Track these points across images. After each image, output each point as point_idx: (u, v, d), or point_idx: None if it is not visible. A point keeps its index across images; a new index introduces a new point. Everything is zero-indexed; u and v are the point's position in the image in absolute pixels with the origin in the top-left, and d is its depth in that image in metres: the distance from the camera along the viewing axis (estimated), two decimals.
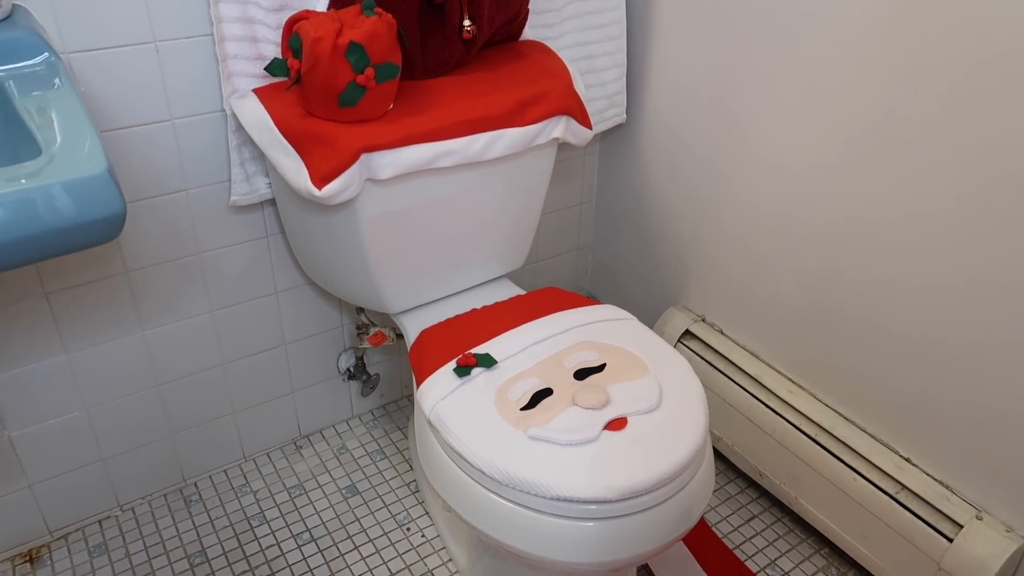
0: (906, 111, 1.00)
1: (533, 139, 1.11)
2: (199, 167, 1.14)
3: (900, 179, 1.03)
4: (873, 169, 1.06)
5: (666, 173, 1.42)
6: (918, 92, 0.98)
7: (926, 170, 1.00)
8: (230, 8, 1.03)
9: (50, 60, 0.87)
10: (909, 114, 1.00)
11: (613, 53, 1.37)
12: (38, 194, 0.65)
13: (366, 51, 0.94)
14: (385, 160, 1.00)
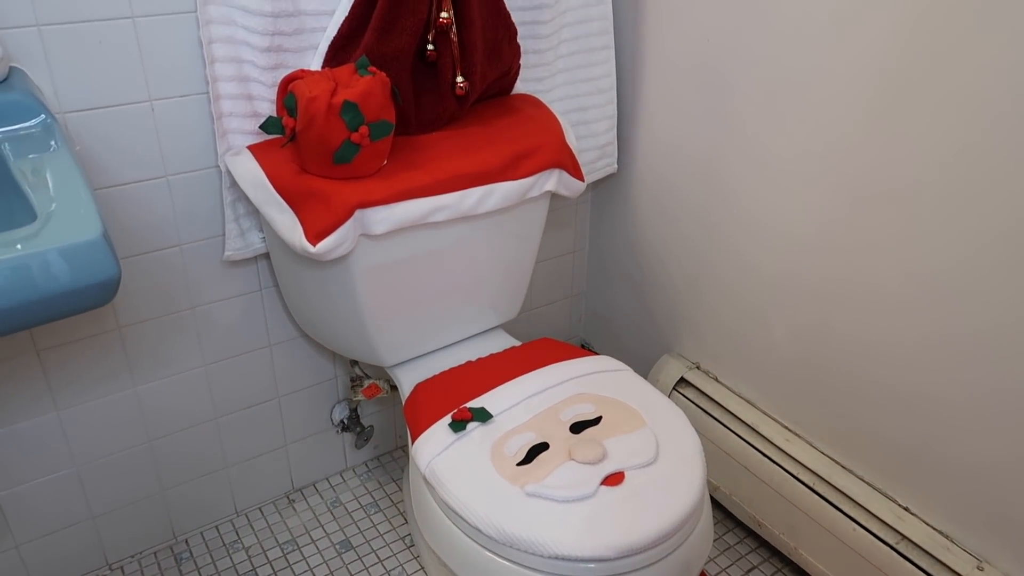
0: (898, 172, 1.01)
1: (526, 192, 1.12)
2: (193, 223, 1.15)
3: (893, 239, 1.04)
4: (865, 229, 1.07)
5: (658, 221, 1.43)
6: (911, 156, 0.99)
7: (919, 231, 1.01)
8: (226, 68, 1.04)
9: (46, 122, 0.88)
10: (900, 174, 1.01)
11: (603, 105, 1.39)
12: (33, 260, 0.65)
13: (360, 110, 0.95)
14: (379, 216, 1.00)
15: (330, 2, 1.07)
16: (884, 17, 0.97)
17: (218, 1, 1.01)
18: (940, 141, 0.95)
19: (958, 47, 0.91)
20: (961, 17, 0.90)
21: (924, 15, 0.93)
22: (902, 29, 0.95)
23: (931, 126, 0.96)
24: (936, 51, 0.93)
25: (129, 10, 0.99)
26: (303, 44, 1.08)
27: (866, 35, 1.00)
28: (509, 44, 1.19)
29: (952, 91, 0.93)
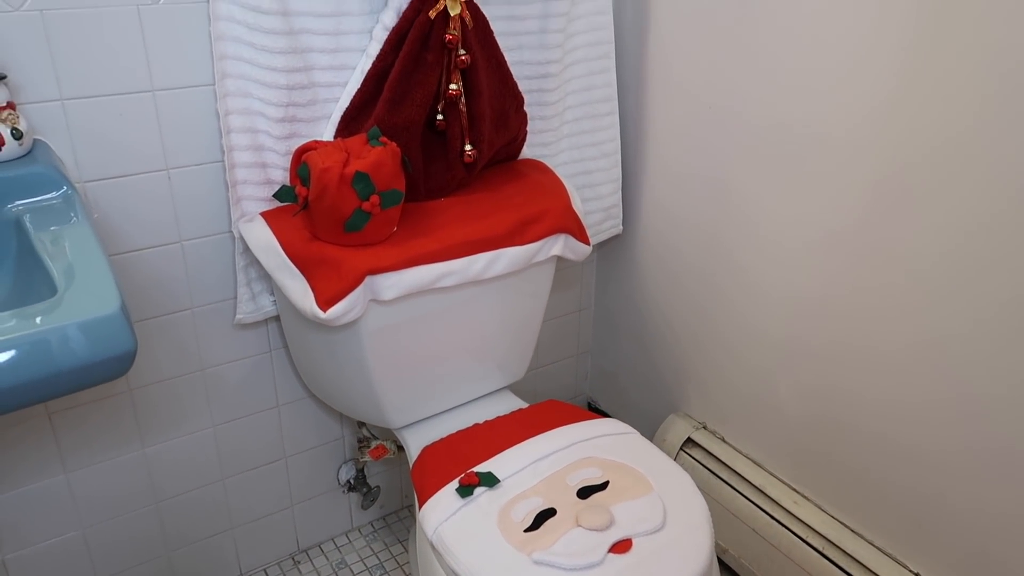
0: (898, 241, 1.03)
1: (532, 257, 1.14)
2: (205, 286, 1.17)
3: (895, 305, 1.05)
4: (867, 294, 1.09)
5: (663, 281, 1.45)
6: (912, 227, 1.01)
7: (920, 297, 1.02)
8: (241, 138, 1.08)
9: (67, 194, 0.90)
10: (900, 244, 1.03)
11: (608, 169, 1.42)
12: (53, 335, 0.66)
13: (372, 180, 0.98)
14: (389, 282, 1.02)
15: (343, 74, 1.11)
16: (886, 90, 1.00)
17: (235, 75, 1.05)
18: (942, 211, 0.97)
19: (959, 122, 0.93)
20: (965, 94, 0.92)
21: (925, 91, 0.96)
22: (902, 102, 0.98)
23: (932, 198, 0.98)
24: (936, 126, 0.95)
25: (149, 84, 1.02)
26: (316, 114, 1.11)
27: (866, 107, 1.02)
28: (516, 112, 1.22)
29: (954, 163, 0.95)
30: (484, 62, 1.13)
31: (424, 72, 1.08)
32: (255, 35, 1.02)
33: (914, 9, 0.94)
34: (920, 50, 0.94)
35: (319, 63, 1.08)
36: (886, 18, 0.97)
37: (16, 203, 0.88)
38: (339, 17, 1.08)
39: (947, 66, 0.92)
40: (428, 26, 1.06)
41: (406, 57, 1.06)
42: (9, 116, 0.89)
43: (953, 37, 0.91)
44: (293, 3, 1.03)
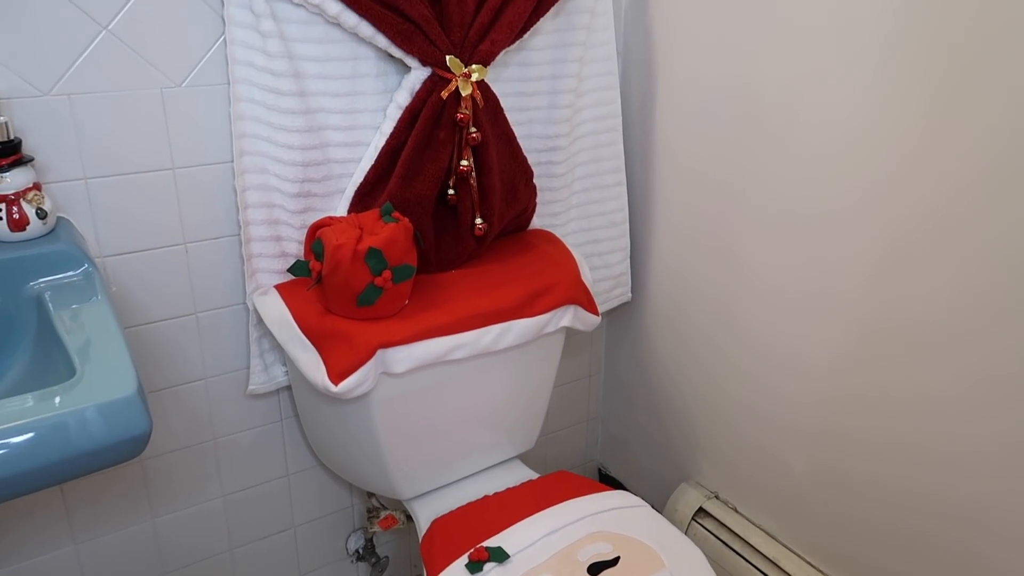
0: (906, 312, 1.04)
1: (542, 328, 1.15)
2: (219, 357, 1.18)
3: (904, 375, 1.06)
4: (876, 366, 1.09)
5: (672, 348, 1.45)
6: (919, 299, 1.02)
7: (929, 368, 1.03)
8: (258, 212, 1.10)
9: (87, 271, 0.92)
10: (909, 315, 1.03)
11: (617, 238, 1.44)
12: (71, 418, 0.68)
13: (384, 255, 1.00)
14: (400, 355, 1.03)
15: (357, 151, 1.14)
16: (888, 169, 1.02)
17: (253, 152, 1.08)
18: (943, 283, 0.98)
19: (958, 200, 0.95)
20: (965, 174, 0.94)
21: (926, 170, 0.97)
22: (904, 180, 1.00)
23: (934, 269, 0.99)
24: (937, 203, 0.97)
25: (170, 162, 1.06)
26: (331, 189, 1.14)
27: (868, 185, 1.04)
28: (526, 185, 1.25)
29: (954, 237, 0.96)
30: (494, 138, 1.16)
31: (436, 149, 1.11)
32: (273, 115, 1.06)
33: (916, 92, 0.96)
34: (921, 131, 0.97)
35: (334, 140, 1.12)
36: (888, 101, 0.99)
37: (38, 280, 0.90)
38: (354, 96, 1.11)
39: (948, 146, 0.94)
40: (440, 105, 1.09)
41: (419, 135, 1.10)
42: (35, 197, 0.92)
43: (954, 119, 0.93)
44: (310, 84, 1.07)
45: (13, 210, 0.90)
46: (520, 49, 1.22)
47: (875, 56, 1.00)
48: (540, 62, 1.25)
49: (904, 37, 0.96)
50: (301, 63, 1.05)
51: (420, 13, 1.04)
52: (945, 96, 0.93)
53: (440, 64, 1.08)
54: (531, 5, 1.13)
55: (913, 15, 0.94)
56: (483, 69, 1.11)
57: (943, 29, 0.92)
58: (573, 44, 1.26)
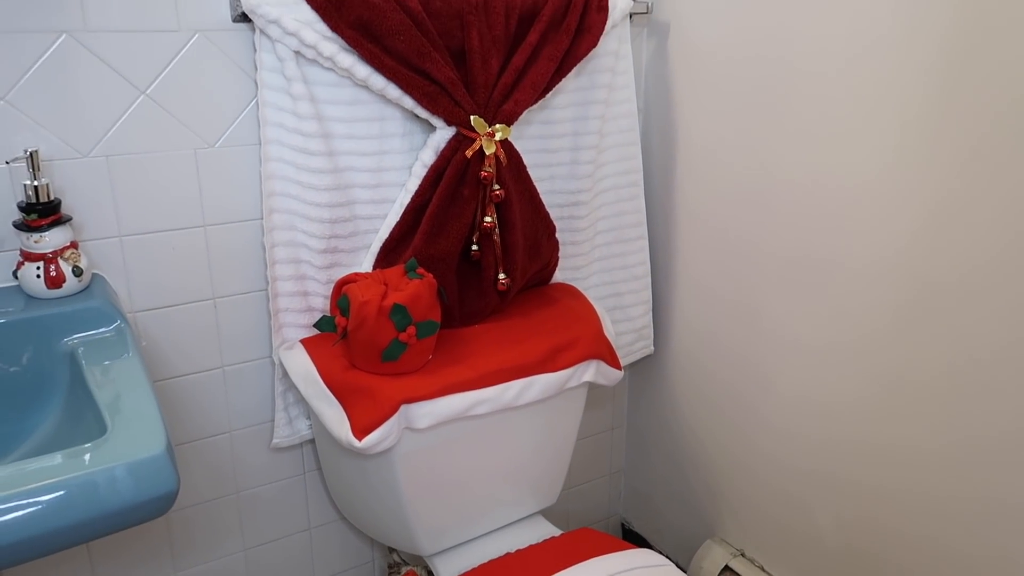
0: (930, 359, 1.03)
1: (564, 384, 1.15)
2: (244, 410, 1.19)
3: (929, 424, 1.04)
4: (902, 416, 1.08)
5: (695, 401, 1.45)
6: (942, 346, 1.01)
7: (955, 416, 1.01)
8: (285, 268, 1.12)
9: (120, 327, 0.95)
10: (933, 362, 1.03)
11: (639, 291, 1.44)
12: (101, 476, 0.69)
13: (409, 312, 1.01)
14: (423, 411, 1.04)
15: (383, 208, 1.16)
16: (908, 220, 1.02)
17: (282, 210, 1.10)
18: (968, 332, 0.97)
19: (980, 251, 0.95)
20: (989, 226, 0.94)
21: (947, 222, 0.98)
22: (924, 232, 1.00)
23: (957, 318, 0.98)
24: (958, 254, 0.97)
25: (201, 220, 1.08)
26: (357, 245, 1.16)
27: (889, 236, 1.04)
28: (548, 240, 1.26)
29: (976, 287, 0.96)
30: (517, 195, 1.18)
31: (460, 206, 1.13)
32: (302, 174, 1.08)
33: (942, 151, 0.97)
34: (946, 187, 0.97)
35: (361, 197, 1.14)
36: (912, 160, 1.00)
37: (72, 336, 0.93)
38: (381, 155, 1.14)
39: (968, 197, 0.95)
40: (465, 164, 1.12)
41: (443, 192, 1.12)
42: (72, 255, 0.94)
43: (978, 177, 0.94)
44: (339, 143, 1.10)
45: (51, 268, 0.93)
46: (543, 107, 1.25)
47: (899, 117, 1.01)
48: (562, 119, 1.27)
49: (930, 101, 0.97)
50: (330, 124, 1.09)
51: (446, 76, 1.07)
52: (969, 155, 0.94)
53: (465, 124, 1.11)
54: (553, 66, 1.16)
55: (940, 77, 0.96)
56: (507, 128, 1.13)
57: (969, 91, 0.93)
58: (595, 102, 1.29)
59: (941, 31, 0.94)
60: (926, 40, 0.96)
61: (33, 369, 0.92)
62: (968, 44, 0.91)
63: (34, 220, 0.92)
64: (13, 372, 0.92)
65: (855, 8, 1.03)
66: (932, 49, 0.95)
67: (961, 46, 0.92)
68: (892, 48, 0.99)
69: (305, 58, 1.04)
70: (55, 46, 0.94)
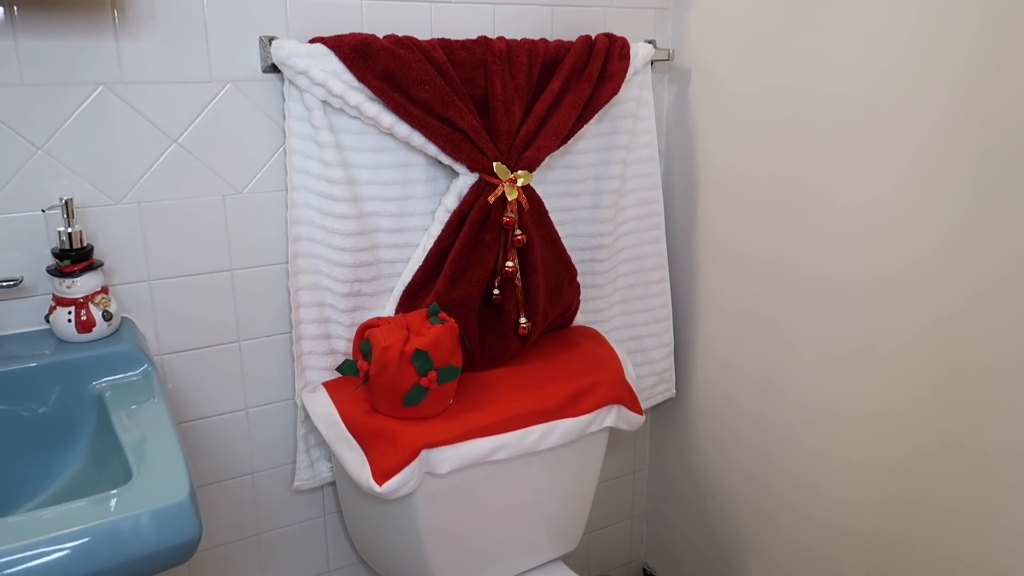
0: (963, 433, 1.02)
1: (585, 429, 1.15)
2: (266, 452, 1.20)
3: (965, 485, 1.03)
4: (937, 469, 1.06)
5: (717, 447, 1.43)
6: (975, 419, 1.00)
7: (988, 492, 1.00)
8: (309, 311, 1.14)
9: (147, 371, 0.96)
10: (965, 436, 1.01)
11: (660, 334, 1.44)
12: (125, 523, 0.69)
13: (430, 356, 1.02)
14: (444, 456, 1.04)
15: (406, 252, 1.17)
16: (930, 249, 1.01)
17: (307, 254, 1.12)
18: (1010, 407, 0.96)
19: (998, 279, 0.94)
20: (1008, 256, 0.93)
21: (968, 251, 0.97)
22: (949, 259, 1.00)
23: (999, 392, 0.97)
24: (977, 282, 0.96)
25: (229, 264, 1.10)
26: (380, 288, 1.17)
27: (912, 263, 1.04)
28: (569, 284, 1.27)
29: (999, 322, 0.95)
30: (539, 240, 1.19)
31: (482, 251, 1.14)
32: (328, 219, 1.10)
33: (955, 175, 0.97)
34: (964, 211, 0.97)
35: (385, 242, 1.16)
36: (929, 181, 1.00)
37: (100, 380, 0.94)
38: (404, 200, 1.16)
39: (990, 228, 0.94)
40: (487, 209, 1.13)
41: (466, 237, 1.13)
42: (102, 300, 0.97)
43: (993, 197, 0.93)
44: (363, 189, 1.12)
45: (81, 313, 0.95)
46: (565, 152, 1.26)
47: (915, 143, 1.01)
48: (584, 164, 1.29)
49: (950, 118, 0.97)
50: (355, 170, 1.11)
51: (469, 124, 1.09)
52: (985, 176, 0.93)
53: (487, 170, 1.12)
54: (575, 113, 1.18)
55: (959, 93, 0.96)
56: (529, 175, 1.14)
57: (983, 116, 0.93)
58: (616, 147, 1.30)
59: (959, 51, 0.94)
60: (945, 63, 0.96)
61: (62, 412, 0.93)
62: (985, 69, 0.92)
63: (67, 266, 0.94)
64: (42, 414, 0.93)
65: (870, 33, 1.03)
66: (950, 70, 0.95)
67: (979, 68, 0.92)
68: (909, 70, 1.00)
69: (332, 107, 1.06)
70: (92, 97, 0.97)
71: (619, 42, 1.23)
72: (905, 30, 1.00)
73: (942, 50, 0.96)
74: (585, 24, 1.29)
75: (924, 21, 0.97)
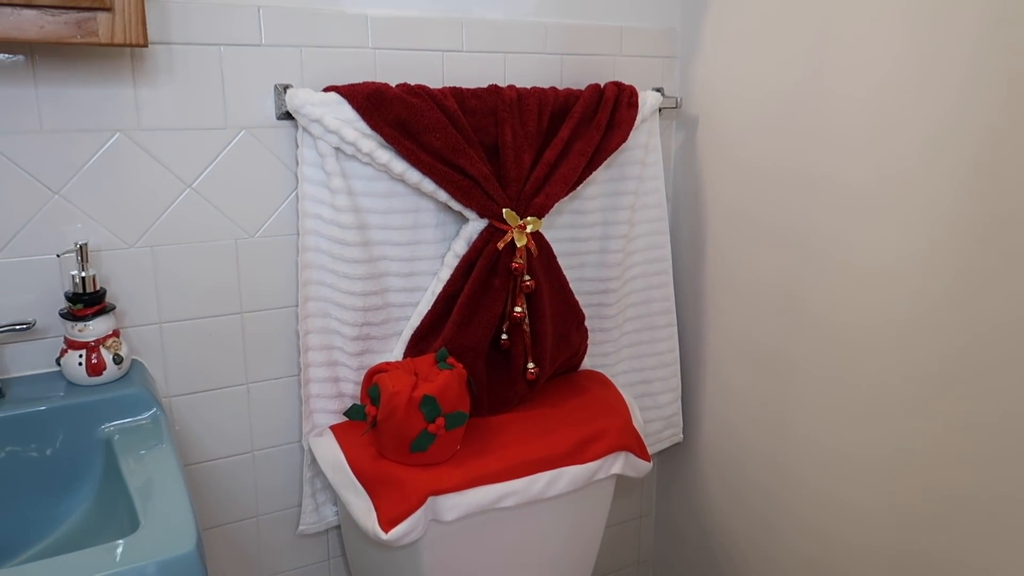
0: (973, 476, 1.01)
1: (592, 476, 1.14)
2: (271, 495, 1.20)
3: (977, 536, 1.01)
4: (948, 519, 1.05)
5: (726, 492, 1.42)
6: (985, 465, 0.99)
7: (997, 537, 0.98)
8: (318, 355, 1.14)
9: (156, 415, 0.96)
10: (976, 479, 1.01)
11: (668, 378, 1.43)
12: (132, 574, 0.69)
13: (438, 403, 1.02)
14: (450, 503, 1.03)
15: (415, 296, 1.18)
16: (957, 323, 1.01)
17: (317, 298, 1.13)
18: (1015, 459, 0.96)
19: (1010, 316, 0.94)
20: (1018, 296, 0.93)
21: (970, 311, 0.97)
22: (954, 310, 0.99)
23: (1002, 438, 0.96)
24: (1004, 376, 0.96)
25: (239, 307, 1.11)
26: (388, 332, 1.18)
27: (920, 309, 1.04)
28: (577, 329, 1.27)
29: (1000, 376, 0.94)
30: (547, 285, 1.20)
31: (491, 296, 1.15)
32: (338, 263, 1.11)
33: (964, 224, 0.97)
34: (976, 256, 0.97)
35: (394, 286, 1.16)
36: (941, 227, 1.00)
37: (109, 424, 0.94)
38: (414, 245, 1.17)
39: (1003, 273, 0.94)
40: (496, 255, 1.14)
41: (475, 282, 1.14)
42: (113, 343, 0.97)
43: (1003, 244, 0.93)
44: (374, 234, 1.13)
45: (92, 356, 0.95)
46: (573, 198, 1.27)
47: (926, 192, 1.01)
48: (593, 209, 1.30)
49: (967, 170, 0.98)
50: (366, 215, 1.12)
51: (480, 171, 1.10)
52: (997, 224, 0.94)
53: (497, 216, 1.13)
54: (584, 161, 1.19)
55: (958, 152, 0.97)
56: (538, 221, 1.15)
57: (989, 165, 0.94)
58: (624, 193, 1.31)
59: (975, 132, 0.95)
60: (959, 147, 0.97)
61: (70, 455, 0.93)
62: (994, 149, 0.93)
63: (80, 310, 0.95)
64: (50, 457, 0.93)
65: (878, 86, 1.05)
66: (967, 156, 0.96)
67: (993, 144, 0.93)
68: (916, 121, 1.01)
69: (344, 153, 1.08)
70: (109, 143, 0.99)
71: (628, 91, 1.25)
72: (915, 92, 1.01)
73: (960, 128, 0.97)
74: (594, 72, 1.31)
75: (936, 99, 0.99)
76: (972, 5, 0.93)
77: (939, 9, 0.96)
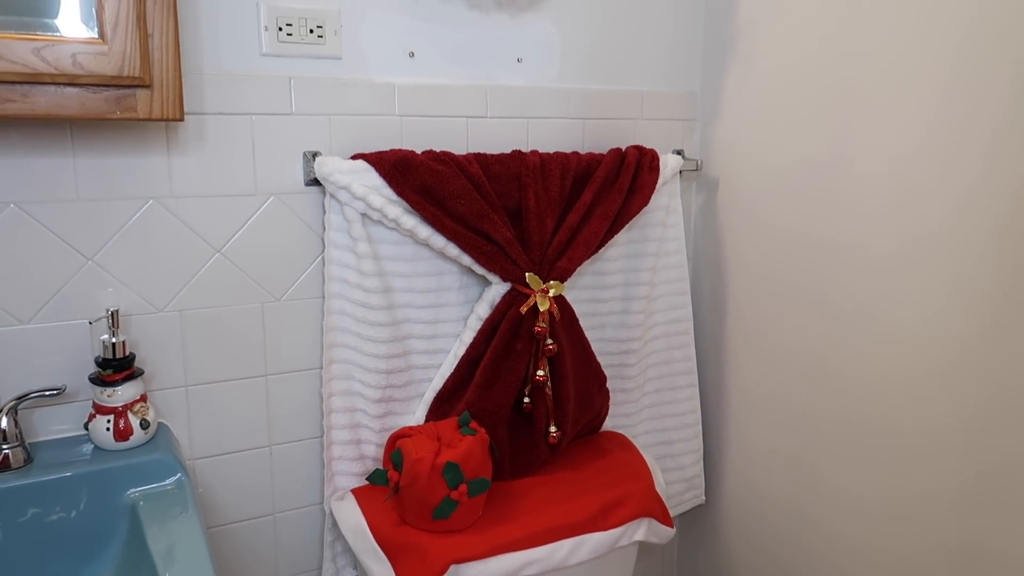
0: (997, 533, 0.99)
1: (615, 543, 1.13)
2: (292, 558, 1.19)
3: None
4: (964, 550, 1.03)
5: (750, 556, 1.39)
6: (1008, 520, 0.98)
7: None
8: (341, 417, 1.15)
9: (180, 480, 0.97)
10: (999, 536, 0.99)
11: (690, 439, 1.42)
12: None
13: (461, 469, 1.02)
14: (473, 571, 1.02)
15: (438, 358, 1.19)
16: (984, 367, 1.00)
17: (341, 360, 1.14)
18: None
19: None
20: None
21: (998, 361, 0.96)
22: (980, 370, 0.98)
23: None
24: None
25: (264, 369, 1.12)
26: (410, 394, 1.18)
27: (959, 404, 1.03)
28: (599, 391, 1.27)
29: None
30: (570, 348, 1.20)
31: (514, 359, 1.15)
32: (362, 326, 1.12)
33: (987, 275, 0.97)
34: (1004, 303, 0.96)
35: (417, 348, 1.17)
36: (963, 280, 1.00)
37: (134, 490, 0.95)
38: (438, 308, 1.17)
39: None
40: (519, 319, 1.14)
41: (498, 346, 1.14)
42: (140, 408, 0.98)
43: None
44: (398, 297, 1.14)
45: (120, 422, 0.96)
46: (595, 259, 1.28)
47: (948, 258, 1.01)
48: (614, 271, 1.30)
49: (974, 244, 0.98)
50: (390, 278, 1.13)
51: (503, 236, 1.12)
52: (1018, 287, 0.93)
53: (520, 280, 1.14)
54: (606, 224, 1.20)
55: (988, 236, 0.97)
56: (560, 285, 1.16)
57: (1012, 230, 0.93)
58: (646, 255, 1.32)
59: (998, 193, 0.95)
60: (981, 196, 0.97)
61: (95, 520, 0.94)
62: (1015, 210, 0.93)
63: (109, 375, 0.96)
64: (75, 522, 0.94)
65: (903, 145, 1.05)
66: (990, 214, 0.96)
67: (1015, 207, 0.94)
68: (944, 185, 1.01)
69: (370, 219, 1.09)
70: (142, 211, 1.01)
71: (649, 154, 1.26)
72: (940, 161, 1.01)
73: (984, 196, 0.97)
74: (616, 135, 1.33)
75: (961, 168, 0.99)
76: (998, 75, 0.94)
77: (967, 77, 0.97)
